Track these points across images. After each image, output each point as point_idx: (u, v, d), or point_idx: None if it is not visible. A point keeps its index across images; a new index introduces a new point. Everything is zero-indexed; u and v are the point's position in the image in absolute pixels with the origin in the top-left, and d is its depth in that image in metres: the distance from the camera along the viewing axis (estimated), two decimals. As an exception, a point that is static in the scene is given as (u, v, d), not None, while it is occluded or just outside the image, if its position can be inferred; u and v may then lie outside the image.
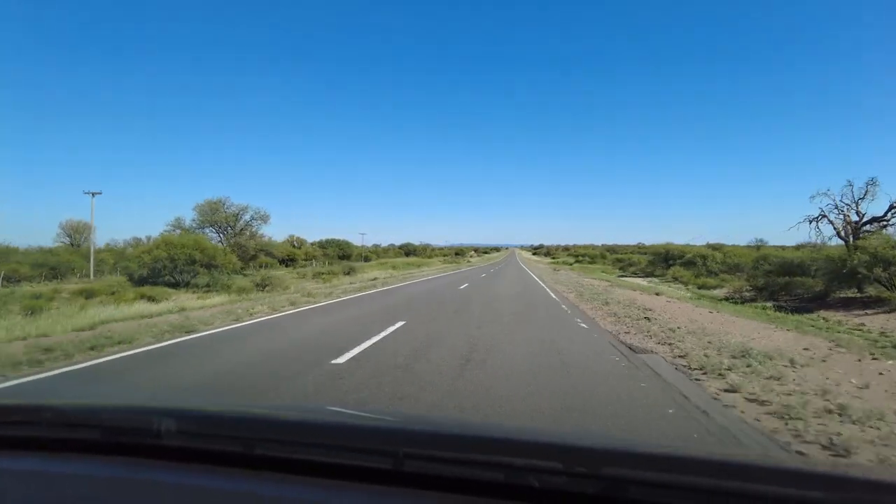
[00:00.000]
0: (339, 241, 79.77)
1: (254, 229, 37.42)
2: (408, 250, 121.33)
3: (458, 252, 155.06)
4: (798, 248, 27.57)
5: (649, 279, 35.91)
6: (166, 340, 7.51)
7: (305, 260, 60.86)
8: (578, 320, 9.95)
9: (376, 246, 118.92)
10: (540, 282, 21.60)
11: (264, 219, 38.28)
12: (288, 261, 55.27)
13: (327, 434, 1.06)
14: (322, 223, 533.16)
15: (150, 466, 1.01)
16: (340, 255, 77.32)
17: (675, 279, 33.30)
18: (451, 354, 6.20)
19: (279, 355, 6.38)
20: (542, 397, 4.36)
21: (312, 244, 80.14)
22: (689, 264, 34.32)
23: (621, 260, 70.48)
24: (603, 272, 46.54)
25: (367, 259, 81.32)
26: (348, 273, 41.11)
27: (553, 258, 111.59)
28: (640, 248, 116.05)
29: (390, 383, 4.83)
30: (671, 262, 38.79)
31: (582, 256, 75.27)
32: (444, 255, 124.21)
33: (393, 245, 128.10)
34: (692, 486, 0.80)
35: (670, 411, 3.93)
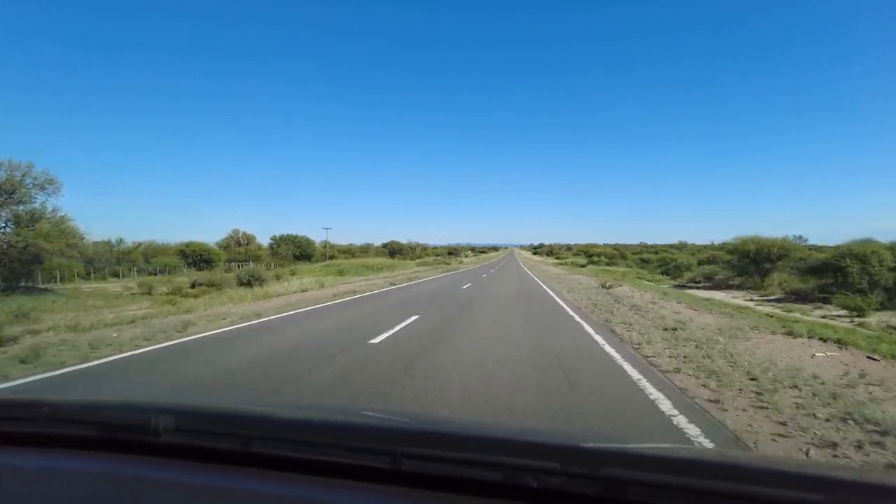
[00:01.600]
0: (296, 237, 64.66)
1: (26, 208, 20.21)
2: (392, 249, 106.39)
3: (451, 251, 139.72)
4: None
5: (741, 294, 21.23)
6: None
7: (234, 261, 45.99)
8: None
9: (364, 245, 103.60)
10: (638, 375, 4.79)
11: (44, 186, 20.87)
12: (201, 262, 40.39)
13: (325, 432, 1.04)
14: (316, 223, 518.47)
15: (148, 463, 1.00)
16: (298, 254, 62.50)
17: (804, 299, 18.53)
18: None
19: None
20: None
21: (274, 239, 65.32)
22: (821, 271, 19.36)
23: (647, 261, 55.57)
24: (641, 278, 31.85)
25: (331, 258, 66.42)
26: (248, 283, 26.33)
27: (559, 258, 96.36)
28: (644, 247, 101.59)
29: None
30: (765, 264, 23.95)
31: (597, 256, 59.91)
32: (437, 255, 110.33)
33: (376, 243, 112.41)
34: (691, 487, 0.78)
35: None
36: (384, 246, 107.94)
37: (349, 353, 5.96)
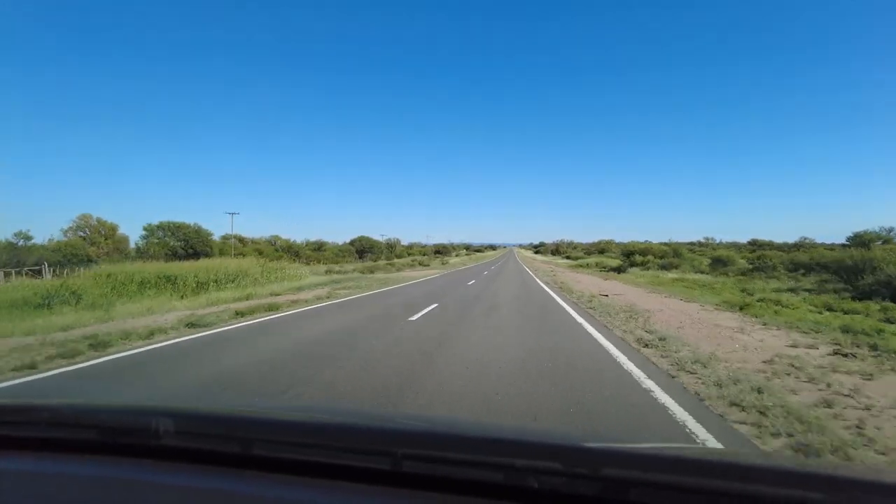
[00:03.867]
0: (183, 226, 42.85)
1: None
2: (361, 247, 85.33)
3: (439, 250, 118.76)
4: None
5: None
6: None
7: (32, 266, 24.79)
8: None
9: (316, 241, 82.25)
10: None
11: None
12: None
13: (326, 434, 1.04)
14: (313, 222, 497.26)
15: (148, 467, 0.99)
16: (186, 251, 41.15)
17: None
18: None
19: None
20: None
21: (148, 229, 43.99)
22: None
23: (724, 261, 34.56)
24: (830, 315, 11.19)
25: (241, 256, 45.54)
26: None
27: (571, 259, 74.87)
28: (650, 246, 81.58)
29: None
30: None
31: (640, 255, 38.63)
32: (424, 255, 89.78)
33: (356, 241, 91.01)
34: (693, 487, 0.78)
35: None
36: (351, 243, 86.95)
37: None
